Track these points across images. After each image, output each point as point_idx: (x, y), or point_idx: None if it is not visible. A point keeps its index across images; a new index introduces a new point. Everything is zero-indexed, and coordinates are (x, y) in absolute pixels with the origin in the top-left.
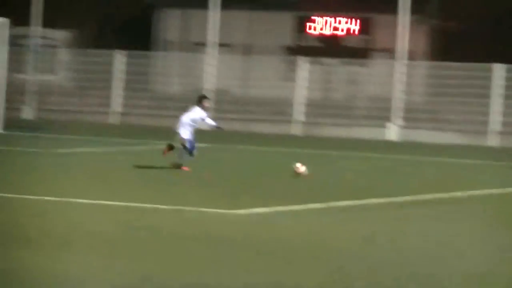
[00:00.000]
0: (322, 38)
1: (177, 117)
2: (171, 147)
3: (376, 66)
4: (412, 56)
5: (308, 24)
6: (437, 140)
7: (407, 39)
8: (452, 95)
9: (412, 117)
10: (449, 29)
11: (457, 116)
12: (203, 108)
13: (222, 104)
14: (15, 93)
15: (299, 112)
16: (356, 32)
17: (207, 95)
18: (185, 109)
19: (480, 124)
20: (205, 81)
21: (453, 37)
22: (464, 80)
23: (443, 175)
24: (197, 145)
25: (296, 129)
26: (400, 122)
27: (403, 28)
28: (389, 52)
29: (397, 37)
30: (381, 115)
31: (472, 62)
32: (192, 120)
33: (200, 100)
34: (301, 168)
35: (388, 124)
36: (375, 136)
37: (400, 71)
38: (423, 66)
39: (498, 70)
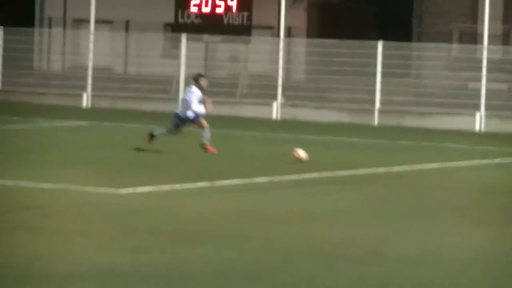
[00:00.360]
0: (202, 15)
1: (59, 95)
2: (152, 136)
3: (258, 43)
4: (295, 33)
5: (189, 1)
6: (321, 118)
7: (286, 15)
8: (335, 73)
9: (295, 95)
10: (329, 5)
11: (341, 94)
12: (200, 87)
13: (105, 82)
14: None
15: (182, 90)
16: (235, 9)
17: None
18: (66, 86)
19: (364, 103)
20: (87, 59)
21: (334, 13)
22: (348, 58)
23: (327, 154)
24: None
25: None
26: (283, 100)
27: (284, 5)
28: (271, 29)
29: (279, 14)
30: (264, 93)
31: (356, 39)
32: (189, 99)
33: (196, 79)
34: (301, 153)
35: (272, 102)
36: (259, 115)
37: (282, 49)
38: (306, 44)
39: (379, 47)
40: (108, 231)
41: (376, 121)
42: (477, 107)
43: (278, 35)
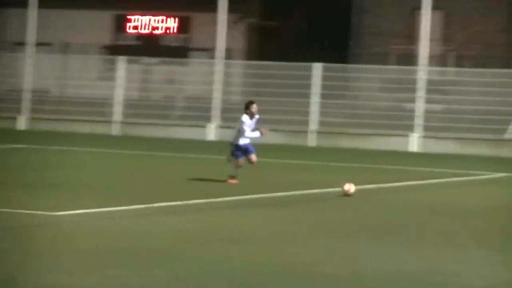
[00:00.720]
0: (140, 37)
1: None
2: (232, 177)
3: (195, 65)
4: (232, 55)
5: (126, 23)
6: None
7: (226, 38)
8: (273, 94)
9: (232, 117)
10: (268, 27)
11: (278, 115)
12: (250, 114)
13: (41, 104)
14: None
15: (117, 112)
16: (175, 30)
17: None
18: (2, 109)
19: (300, 124)
20: (24, 81)
21: (272, 35)
22: (285, 80)
23: (263, 175)
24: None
25: (115, 129)
26: (220, 122)
27: (222, 27)
28: (208, 51)
29: (216, 36)
30: (201, 115)
31: (292, 62)
32: (241, 129)
33: (246, 106)
34: (351, 188)
35: (207, 124)
36: (195, 136)
37: (220, 71)
38: (244, 66)
39: (317, 69)
40: (39, 252)
41: (312, 142)
42: (412, 128)
43: (215, 57)
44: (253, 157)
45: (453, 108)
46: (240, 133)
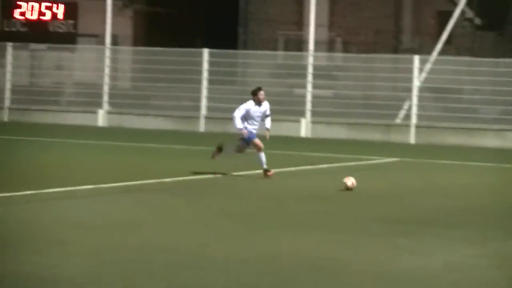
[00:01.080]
0: (28, 23)
1: None
2: (220, 149)
3: (83, 52)
4: (120, 42)
5: (14, 9)
6: (147, 125)
7: (113, 24)
8: (161, 80)
9: (121, 103)
10: (156, 13)
11: (167, 101)
12: (257, 101)
13: None
14: None
15: (6, 99)
16: (62, 17)
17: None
18: None
19: (190, 110)
20: None
21: (160, 21)
22: (174, 66)
23: (153, 161)
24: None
25: (3, 116)
26: (109, 108)
27: (109, 13)
28: (97, 37)
29: (105, 22)
30: (90, 101)
31: (180, 48)
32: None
33: (254, 93)
34: (348, 182)
35: (97, 110)
36: (85, 122)
37: (108, 57)
38: (132, 52)
39: (205, 55)
40: None
41: (201, 128)
42: (303, 114)
43: (104, 43)
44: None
45: (342, 94)
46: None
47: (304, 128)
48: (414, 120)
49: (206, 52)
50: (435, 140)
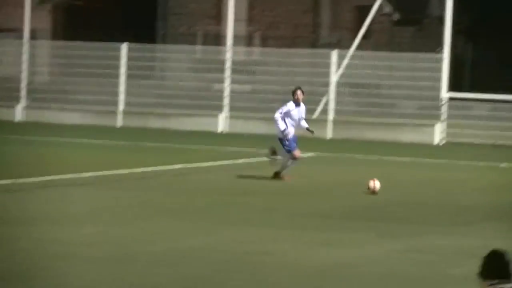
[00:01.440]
0: None
1: None
2: (274, 152)
3: (1, 46)
4: (40, 36)
5: None
6: (65, 120)
7: (32, 18)
8: (80, 74)
9: (39, 97)
10: (74, 7)
11: (85, 96)
12: (296, 101)
13: None
14: None
15: None
16: None
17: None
18: None
19: (108, 104)
20: None
21: (78, 15)
22: (93, 60)
23: (71, 156)
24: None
25: None
26: (27, 102)
27: (28, 7)
28: (15, 31)
29: (23, 16)
30: (8, 96)
31: (101, 41)
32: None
33: (293, 93)
34: (371, 185)
35: (15, 105)
36: (2, 117)
37: (26, 51)
38: (51, 46)
39: (123, 49)
40: None
41: (119, 122)
42: (221, 108)
43: (22, 38)
44: (297, 152)
45: (261, 89)
46: (288, 121)
47: (222, 123)
48: (331, 115)
49: (124, 46)
50: (353, 135)
